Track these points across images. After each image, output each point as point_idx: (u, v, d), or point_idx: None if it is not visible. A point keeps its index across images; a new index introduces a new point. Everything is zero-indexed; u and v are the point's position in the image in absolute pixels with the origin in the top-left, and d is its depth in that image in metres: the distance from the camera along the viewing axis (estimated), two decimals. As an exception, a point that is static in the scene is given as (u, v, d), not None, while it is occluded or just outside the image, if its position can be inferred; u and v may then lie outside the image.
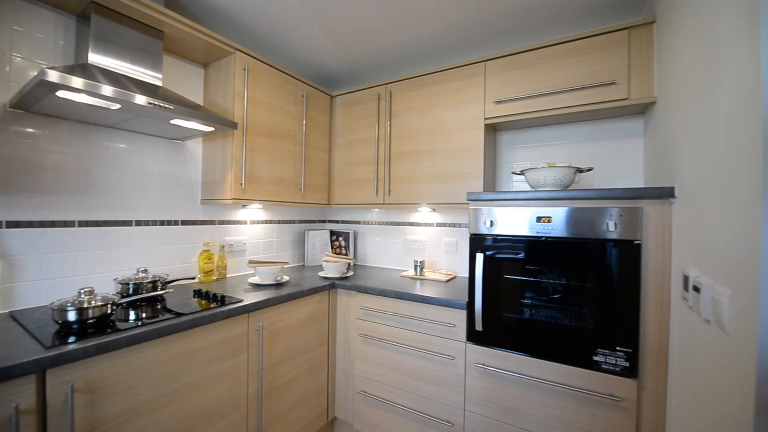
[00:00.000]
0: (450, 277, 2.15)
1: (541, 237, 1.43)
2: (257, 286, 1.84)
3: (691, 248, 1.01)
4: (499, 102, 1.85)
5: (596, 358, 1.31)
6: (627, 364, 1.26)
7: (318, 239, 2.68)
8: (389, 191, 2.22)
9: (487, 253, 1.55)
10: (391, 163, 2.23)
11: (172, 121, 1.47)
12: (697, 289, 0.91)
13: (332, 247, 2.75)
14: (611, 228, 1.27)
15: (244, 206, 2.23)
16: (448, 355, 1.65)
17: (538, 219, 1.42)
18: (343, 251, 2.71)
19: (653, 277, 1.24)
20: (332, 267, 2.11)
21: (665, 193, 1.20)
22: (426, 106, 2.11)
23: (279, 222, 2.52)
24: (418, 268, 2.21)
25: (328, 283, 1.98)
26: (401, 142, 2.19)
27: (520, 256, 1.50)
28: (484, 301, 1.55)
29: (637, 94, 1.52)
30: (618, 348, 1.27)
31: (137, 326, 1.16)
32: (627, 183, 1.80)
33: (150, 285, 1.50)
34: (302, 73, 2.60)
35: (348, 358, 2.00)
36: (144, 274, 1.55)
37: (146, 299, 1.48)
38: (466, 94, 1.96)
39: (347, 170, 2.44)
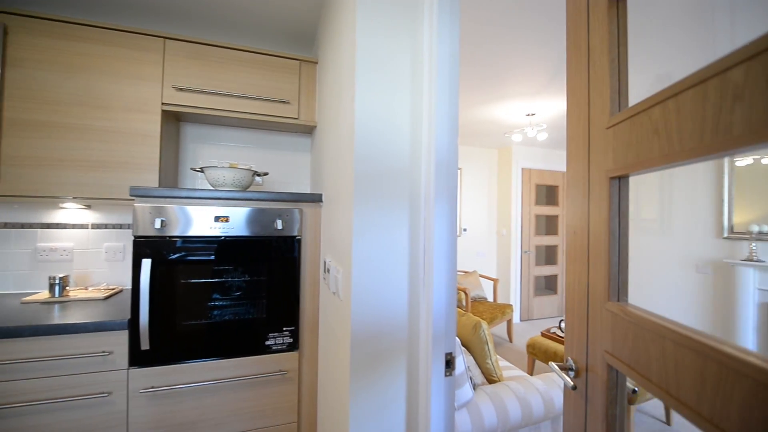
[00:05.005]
0: (112, 291, 1.71)
1: (220, 237, 1.43)
2: None
3: (328, 240, 1.35)
4: (181, 89, 1.68)
5: (268, 342, 1.47)
6: (291, 340, 1.50)
7: None
8: (-5, 176, 1.46)
9: (158, 257, 1.36)
10: (1, 134, 1.47)
11: None
12: (329, 270, 1.22)
13: None
14: (279, 226, 1.47)
15: None
16: (103, 393, 1.30)
17: (216, 218, 1.41)
18: None
19: (309, 264, 1.55)
20: None
21: (316, 199, 1.54)
22: (77, 65, 1.56)
23: None
24: (58, 287, 1.60)
25: None
26: (26, 106, 1.51)
27: (198, 257, 1.42)
28: (154, 314, 1.34)
29: (305, 117, 1.86)
30: (284, 328, 1.49)
31: None
32: (299, 188, 2.16)
33: None
34: None
35: None
36: None
37: None
38: (140, 69, 1.64)
39: None
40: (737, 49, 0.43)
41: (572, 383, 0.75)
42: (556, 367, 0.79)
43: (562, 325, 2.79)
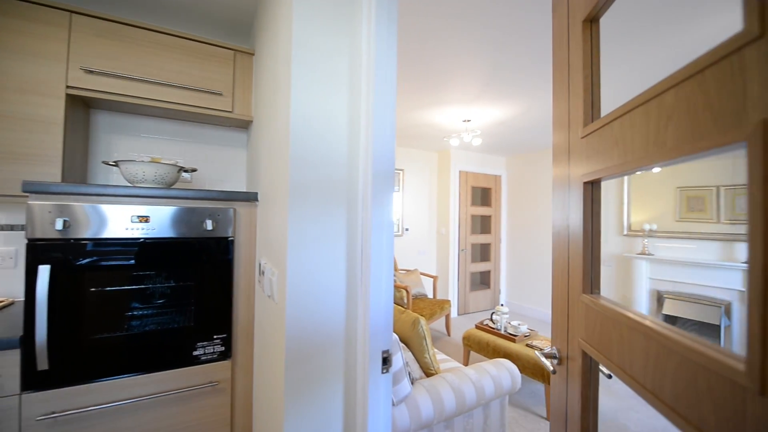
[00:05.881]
0: (0, 304, 1.45)
1: (139, 239, 1.29)
2: None
3: (264, 241, 1.30)
4: (91, 72, 1.48)
5: (196, 353, 1.36)
6: (223, 348, 1.41)
7: None
8: None
9: (60, 263, 1.18)
10: None
11: None
12: (263, 273, 1.17)
13: None
14: (209, 227, 1.37)
15: None
16: (-16, 424, 1.10)
17: (135, 219, 1.27)
18: None
19: (243, 266, 1.47)
20: None
21: (251, 197, 1.46)
22: (-52, 35, 1.30)
23: None
24: None
25: None
26: None
27: (113, 262, 1.27)
28: (54, 329, 1.17)
29: (240, 110, 1.76)
30: (215, 336, 1.40)
31: None
32: (234, 186, 2.03)
33: None
34: None
35: None
36: None
37: None
38: (40, 45, 1.41)
39: None
40: (669, 75, 0.50)
41: (552, 368, 0.84)
42: (541, 355, 0.88)
43: (494, 317, 3.01)
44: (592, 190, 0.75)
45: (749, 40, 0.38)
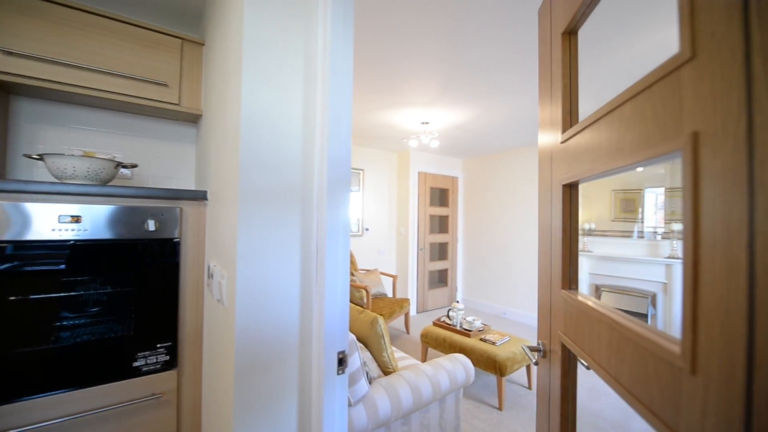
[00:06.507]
0: None
1: (69, 241, 1.17)
2: None
3: (213, 242, 1.24)
4: (11, 53, 1.32)
5: (137, 364, 1.26)
6: (167, 358, 1.32)
7: None
8: None
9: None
10: None
11: None
12: (212, 276, 1.11)
13: None
14: (152, 228, 1.27)
15: None
16: None
17: (63, 219, 1.15)
18: None
19: (191, 270, 1.39)
20: None
21: (200, 196, 1.39)
22: None
23: None
24: None
25: None
26: None
27: (37, 267, 1.14)
28: (-39, 343, 1.02)
29: (187, 103, 1.65)
30: (159, 345, 1.30)
31: None
32: (182, 184, 1.91)
33: None
34: None
35: None
36: None
37: None
38: (-60, 19, 1.23)
39: None
40: (626, 88, 0.54)
41: (535, 360, 0.90)
42: (527, 348, 0.93)
43: (450, 313, 3.11)
44: (570, 192, 0.80)
45: (684, 61, 0.43)
